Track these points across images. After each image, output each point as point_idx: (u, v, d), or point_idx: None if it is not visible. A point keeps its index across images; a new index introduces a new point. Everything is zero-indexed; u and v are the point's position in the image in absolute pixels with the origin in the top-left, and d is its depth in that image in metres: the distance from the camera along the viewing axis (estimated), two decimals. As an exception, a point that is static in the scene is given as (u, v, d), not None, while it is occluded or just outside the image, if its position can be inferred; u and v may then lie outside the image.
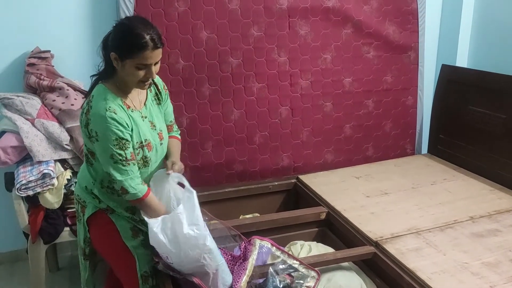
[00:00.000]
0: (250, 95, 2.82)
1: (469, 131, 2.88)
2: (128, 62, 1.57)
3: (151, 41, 1.55)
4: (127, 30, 1.57)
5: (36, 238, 2.39)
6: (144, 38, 1.54)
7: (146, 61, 1.57)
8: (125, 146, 1.62)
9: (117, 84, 1.67)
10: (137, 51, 1.54)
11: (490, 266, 1.87)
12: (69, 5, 2.60)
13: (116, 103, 1.63)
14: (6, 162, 2.36)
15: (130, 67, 1.58)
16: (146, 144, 1.72)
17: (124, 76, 1.63)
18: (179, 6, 2.58)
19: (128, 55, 1.56)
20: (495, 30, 3.06)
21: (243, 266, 1.82)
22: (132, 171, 1.65)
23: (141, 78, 1.61)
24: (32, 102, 2.44)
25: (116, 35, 1.60)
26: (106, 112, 1.58)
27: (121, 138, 1.60)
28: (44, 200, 2.34)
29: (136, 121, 1.69)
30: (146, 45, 1.54)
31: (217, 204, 2.61)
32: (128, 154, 1.63)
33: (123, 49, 1.56)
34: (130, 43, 1.54)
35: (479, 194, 2.54)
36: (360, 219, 2.28)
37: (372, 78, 3.07)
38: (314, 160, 3.04)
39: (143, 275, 1.83)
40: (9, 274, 2.84)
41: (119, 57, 1.58)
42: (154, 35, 1.56)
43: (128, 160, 1.63)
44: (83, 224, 1.85)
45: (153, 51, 1.56)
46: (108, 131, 1.58)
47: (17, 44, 2.58)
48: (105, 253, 1.89)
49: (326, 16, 2.87)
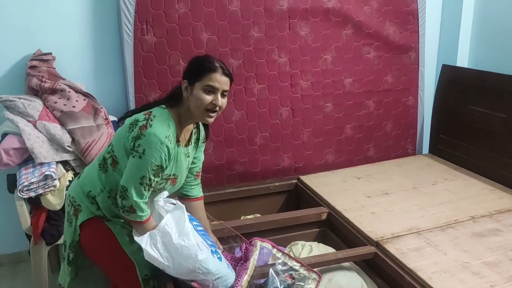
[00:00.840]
0: (250, 96, 2.82)
1: (470, 131, 2.88)
2: (197, 85, 1.63)
3: (220, 67, 1.64)
4: (200, 58, 1.69)
5: (38, 239, 2.40)
6: (214, 63, 1.64)
7: (214, 83, 1.62)
8: (158, 174, 1.64)
9: (178, 115, 1.70)
10: (206, 72, 1.62)
11: (490, 266, 1.88)
12: (71, 8, 2.62)
13: (173, 135, 1.66)
14: (8, 164, 2.37)
15: (198, 91, 1.63)
16: (173, 178, 1.75)
17: (191, 103, 1.65)
18: (179, 8, 2.59)
19: (198, 78, 1.63)
20: (495, 30, 3.06)
21: (244, 266, 1.83)
22: (147, 197, 1.67)
23: (207, 105, 1.64)
24: (34, 104, 2.45)
25: (189, 65, 1.70)
26: (165, 139, 1.60)
27: (161, 167, 1.62)
28: (46, 201, 2.34)
29: (178, 156, 1.72)
30: (216, 68, 1.63)
31: (218, 205, 2.62)
32: (155, 182, 1.64)
33: (193, 72, 1.65)
34: (200, 67, 1.64)
35: (480, 194, 2.54)
36: (361, 219, 2.29)
37: (372, 78, 3.08)
38: (315, 160, 3.04)
39: (144, 279, 1.82)
40: (11, 275, 2.85)
41: (189, 83, 1.65)
42: (223, 65, 1.67)
43: (151, 186, 1.65)
44: (74, 228, 1.81)
45: (221, 76, 1.64)
46: (156, 155, 1.60)
47: (18, 47, 2.59)
48: (100, 260, 1.87)
49: (326, 17, 2.87)
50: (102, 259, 1.86)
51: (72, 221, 1.83)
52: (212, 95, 1.63)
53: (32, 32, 2.59)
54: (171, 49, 2.62)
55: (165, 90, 2.64)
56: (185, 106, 1.69)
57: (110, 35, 2.69)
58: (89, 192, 1.77)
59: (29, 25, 2.58)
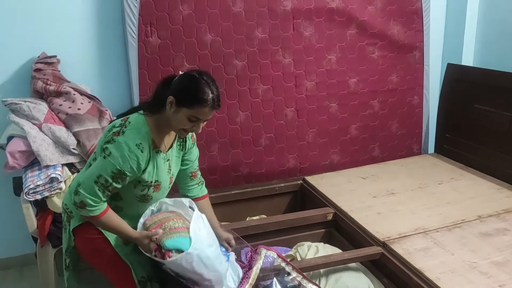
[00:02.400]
0: (255, 97, 2.82)
1: (475, 130, 2.87)
2: (184, 110, 1.59)
3: (213, 100, 1.59)
4: (195, 82, 1.60)
5: (45, 242, 2.41)
6: (208, 95, 1.58)
7: (200, 116, 1.61)
8: (118, 180, 1.61)
9: (157, 123, 1.68)
10: (197, 105, 1.58)
11: (499, 265, 1.86)
12: (75, 11, 2.62)
13: (147, 142, 1.64)
14: (14, 166, 2.38)
15: (183, 116, 1.60)
16: (156, 184, 1.74)
17: (171, 120, 1.64)
18: (183, 9, 2.60)
19: (186, 105, 1.59)
20: (500, 28, 3.04)
21: (247, 275, 1.83)
22: (101, 198, 1.62)
23: (186, 128, 1.64)
24: (39, 107, 2.46)
25: (182, 82, 1.63)
26: (134, 147, 1.59)
27: (123, 173, 1.60)
28: (52, 204, 2.35)
29: (157, 162, 1.70)
30: (207, 102, 1.58)
31: (224, 206, 2.61)
32: (112, 186, 1.61)
33: (184, 97, 1.59)
34: (194, 96, 1.58)
35: (486, 193, 2.53)
36: (367, 219, 2.28)
37: (377, 78, 3.07)
38: (320, 161, 3.04)
39: (140, 281, 1.81)
40: (18, 278, 2.86)
41: (176, 103, 1.60)
42: (216, 97, 1.61)
43: (107, 189, 1.62)
44: (68, 234, 1.82)
45: (210, 110, 1.61)
46: (121, 160, 1.59)
47: (23, 50, 2.60)
48: (97, 264, 1.86)
49: (330, 17, 2.87)
50: (98, 263, 1.85)
51: (66, 227, 1.84)
52: (194, 122, 1.63)
53: (36, 35, 2.60)
54: (175, 50, 2.62)
55: (169, 91, 2.65)
56: (166, 118, 1.66)
57: (115, 37, 2.70)
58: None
59: (34, 28, 2.59)
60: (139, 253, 1.81)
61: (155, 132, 1.68)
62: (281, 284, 1.87)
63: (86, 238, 1.79)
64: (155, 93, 1.71)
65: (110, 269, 1.83)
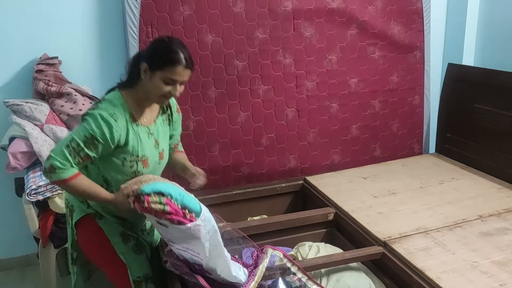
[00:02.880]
0: (256, 97, 2.83)
1: (476, 130, 2.87)
2: (158, 74, 1.60)
3: (185, 59, 1.60)
4: (165, 45, 1.62)
5: (47, 242, 2.42)
6: (179, 54, 1.59)
7: (175, 76, 1.61)
8: (90, 146, 1.58)
9: (135, 96, 1.69)
10: (169, 65, 1.59)
11: (499, 265, 1.86)
12: (76, 12, 2.63)
13: (122, 114, 1.64)
14: (16, 167, 2.39)
15: (158, 80, 1.61)
16: (143, 159, 1.72)
17: (148, 88, 1.64)
18: (184, 10, 2.60)
19: (160, 67, 1.59)
20: (501, 28, 3.05)
21: (253, 273, 1.84)
22: (69, 162, 1.57)
23: (164, 93, 1.64)
24: (40, 108, 2.47)
25: (152, 48, 1.65)
26: (108, 115, 1.59)
27: (95, 139, 1.58)
28: (53, 204, 2.36)
29: (140, 136, 1.69)
30: (180, 61, 1.59)
31: (225, 206, 2.62)
32: (84, 152, 1.58)
33: (156, 60, 1.60)
34: (165, 56, 1.59)
35: (487, 192, 2.53)
36: (368, 219, 2.28)
37: (378, 78, 3.07)
38: (321, 161, 3.04)
39: (135, 281, 1.82)
40: (20, 279, 2.87)
41: (150, 68, 1.61)
42: (188, 56, 1.62)
43: (79, 155, 1.58)
44: (71, 228, 1.84)
45: (184, 70, 1.61)
46: (95, 125, 1.58)
47: (25, 51, 2.61)
48: (95, 259, 1.88)
49: (330, 17, 2.87)
50: (97, 258, 1.87)
51: (69, 222, 1.86)
52: (171, 85, 1.63)
53: (38, 37, 2.61)
54: (176, 51, 2.63)
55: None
56: (143, 88, 1.66)
57: (116, 38, 2.71)
58: None
59: (35, 29, 2.60)
60: (137, 252, 1.83)
61: (133, 105, 1.68)
62: (285, 284, 1.87)
63: (86, 232, 1.82)
64: (128, 69, 1.72)
65: (108, 265, 1.84)
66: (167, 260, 1.79)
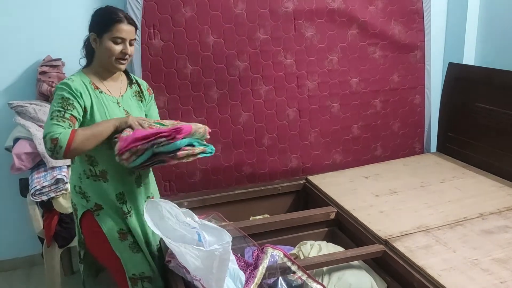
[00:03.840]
0: (257, 97, 2.84)
1: (477, 129, 2.88)
2: (105, 36, 1.72)
3: (125, 17, 1.74)
4: (104, 11, 1.77)
5: (51, 242, 2.44)
6: (118, 13, 1.74)
7: (121, 33, 1.72)
8: (67, 106, 1.65)
9: (94, 70, 1.80)
10: (113, 24, 1.71)
11: (500, 262, 1.87)
12: (79, 14, 2.65)
13: (79, 78, 1.74)
14: (20, 168, 2.41)
15: (108, 42, 1.72)
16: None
17: (102, 54, 1.74)
18: (186, 11, 2.62)
19: (105, 29, 1.71)
20: (501, 27, 3.05)
21: (253, 274, 1.85)
22: (62, 126, 1.61)
23: (117, 55, 1.74)
24: (44, 109, 2.49)
25: (94, 17, 1.78)
26: (66, 81, 1.71)
27: (66, 98, 1.66)
28: (58, 204, 2.38)
29: (104, 101, 1.76)
30: (120, 18, 1.72)
31: (227, 206, 2.64)
32: (67, 114, 1.64)
33: (100, 24, 1.73)
34: (106, 18, 1.73)
35: (488, 191, 2.54)
36: (370, 218, 2.29)
37: (379, 78, 3.08)
38: (323, 160, 3.05)
39: (131, 278, 1.85)
40: (25, 279, 2.89)
41: (97, 35, 1.73)
42: (126, 15, 1.76)
43: (64, 118, 1.63)
44: (78, 226, 1.89)
45: (127, 26, 1.73)
46: (58, 91, 1.68)
47: (29, 53, 2.63)
48: (97, 255, 1.93)
49: (331, 18, 2.89)
50: (97, 254, 1.92)
51: (75, 221, 1.91)
52: (121, 45, 1.73)
53: (41, 39, 2.63)
54: (178, 52, 2.65)
55: (173, 93, 2.68)
56: (98, 58, 1.78)
57: (118, 40, 2.72)
58: (75, 186, 1.84)
59: (39, 31, 2.62)
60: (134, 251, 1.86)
61: (93, 77, 1.78)
62: (286, 283, 1.89)
63: (88, 229, 1.86)
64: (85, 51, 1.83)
65: (107, 261, 1.89)
66: (170, 260, 1.81)
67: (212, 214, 1.96)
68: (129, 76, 1.94)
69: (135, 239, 1.87)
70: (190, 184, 2.80)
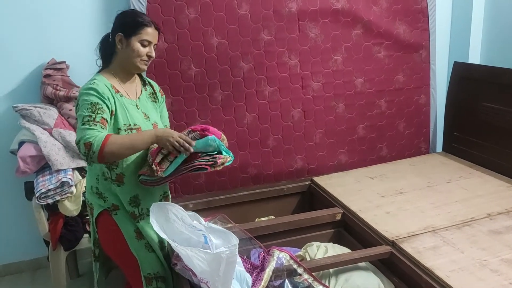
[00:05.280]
0: (262, 98, 2.84)
1: (483, 128, 2.86)
2: (133, 38, 1.77)
3: (151, 22, 1.81)
4: (132, 14, 1.84)
5: (57, 245, 2.44)
6: (145, 18, 1.81)
7: (149, 37, 1.79)
8: (97, 110, 1.67)
9: (113, 71, 1.83)
10: (141, 27, 1.77)
11: (509, 263, 1.85)
12: (83, 17, 2.66)
13: (102, 82, 1.76)
14: (25, 171, 2.41)
15: (135, 44, 1.77)
16: (136, 128, 1.79)
17: (127, 55, 1.78)
18: (189, 13, 2.62)
19: (134, 31, 1.77)
20: (507, 25, 3.03)
21: (259, 277, 1.84)
22: (94, 130, 1.63)
23: (143, 56, 1.80)
24: (49, 112, 2.49)
25: (121, 19, 1.82)
26: (90, 85, 1.72)
27: (95, 103, 1.68)
28: (63, 207, 2.38)
29: (125, 105, 1.79)
30: (149, 23, 1.80)
31: (232, 207, 2.63)
32: (98, 117, 1.66)
33: (128, 26, 1.77)
34: (135, 21, 1.78)
35: (495, 190, 2.52)
36: (376, 219, 2.28)
37: (383, 78, 3.07)
38: (328, 161, 3.04)
39: (146, 277, 1.87)
40: (31, 282, 2.89)
41: (125, 36, 1.77)
42: (152, 20, 1.83)
43: (96, 121, 1.64)
44: (93, 225, 1.92)
45: (154, 30, 1.81)
46: (85, 97, 1.69)
47: (33, 56, 2.64)
48: (112, 254, 1.94)
49: (335, 18, 2.88)
50: (112, 252, 1.93)
51: (91, 220, 1.93)
52: (147, 47, 1.80)
53: (45, 42, 2.64)
54: (182, 54, 2.65)
55: (177, 95, 2.67)
56: (119, 60, 1.82)
57: (122, 42, 2.73)
58: (92, 187, 1.86)
59: (43, 34, 2.63)
60: (149, 250, 1.87)
61: (113, 80, 1.81)
62: (292, 285, 1.88)
63: (104, 227, 1.88)
64: (101, 52, 1.88)
65: (123, 260, 1.90)
66: (176, 263, 1.81)
67: (218, 216, 1.96)
68: (142, 77, 1.97)
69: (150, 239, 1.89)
70: (195, 186, 2.79)
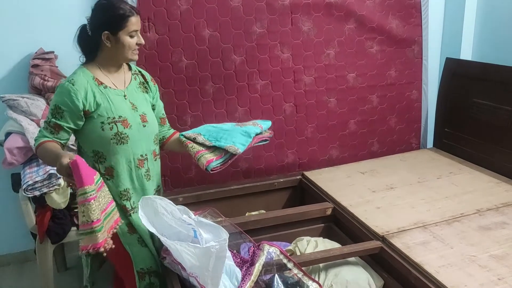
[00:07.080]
0: (254, 92, 2.82)
1: (474, 124, 2.87)
2: (121, 33, 1.73)
3: (132, 8, 1.76)
4: (111, 6, 1.73)
5: (44, 238, 2.41)
6: (126, 10, 1.73)
7: (135, 26, 1.75)
8: (56, 115, 1.70)
9: (98, 64, 1.79)
10: (126, 20, 1.72)
11: (498, 259, 1.86)
12: (72, 6, 2.62)
13: (83, 78, 1.73)
14: (12, 163, 2.38)
15: (125, 38, 1.74)
16: (121, 120, 1.77)
17: (118, 50, 1.76)
18: (181, 4, 2.59)
19: (120, 26, 1.72)
20: (499, 22, 3.04)
21: (249, 271, 1.83)
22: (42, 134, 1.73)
23: (134, 46, 1.78)
24: (37, 103, 2.45)
25: (102, 15, 1.74)
26: (67, 83, 1.70)
27: (58, 107, 1.69)
28: (50, 200, 2.35)
29: (109, 97, 1.77)
30: (131, 11, 1.74)
31: (223, 201, 2.61)
32: (53, 122, 1.71)
33: (112, 22, 1.72)
34: (118, 15, 1.71)
35: (485, 187, 2.53)
36: (366, 214, 2.28)
37: (376, 73, 3.06)
38: (319, 156, 3.04)
39: (139, 272, 1.85)
40: (17, 275, 2.87)
41: (112, 33, 1.72)
42: (130, 6, 1.77)
43: (49, 125, 1.72)
44: None
45: (136, 17, 1.76)
46: (57, 97, 1.71)
47: (20, 46, 2.60)
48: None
49: (328, 12, 2.86)
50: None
51: None
52: (135, 36, 1.77)
53: (34, 31, 2.60)
54: (173, 46, 2.61)
55: (168, 87, 2.64)
56: (108, 54, 1.78)
57: (112, 33, 2.69)
58: None
59: (31, 23, 2.59)
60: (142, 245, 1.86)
61: (96, 71, 1.78)
62: (282, 280, 1.87)
63: None
64: (83, 46, 1.80)
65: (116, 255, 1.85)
66: (165, 257, 1.79)
67: (208, 210, 1.95)
68: (130, 66, 1.94)
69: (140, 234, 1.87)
70: (185, 180, 2.77)
